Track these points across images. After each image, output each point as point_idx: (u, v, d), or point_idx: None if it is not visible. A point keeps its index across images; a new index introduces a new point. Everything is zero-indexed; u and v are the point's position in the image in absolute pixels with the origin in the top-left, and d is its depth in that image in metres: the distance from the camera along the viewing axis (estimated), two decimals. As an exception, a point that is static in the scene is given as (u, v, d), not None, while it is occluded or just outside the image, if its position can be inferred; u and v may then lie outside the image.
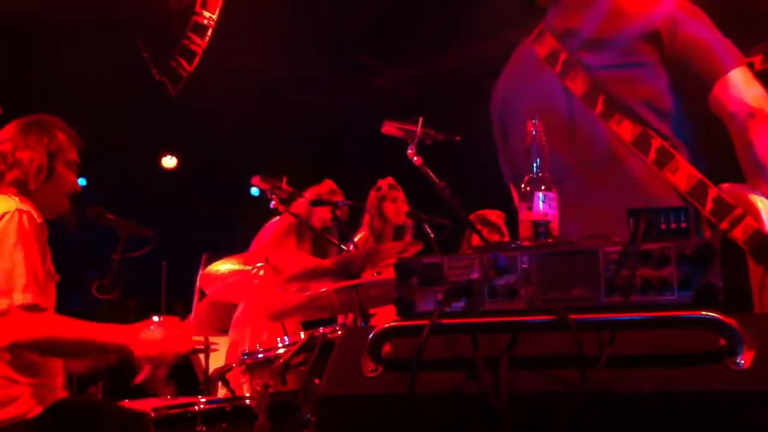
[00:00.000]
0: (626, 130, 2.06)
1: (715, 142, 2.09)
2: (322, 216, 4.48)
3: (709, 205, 1.93)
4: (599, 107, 2.10)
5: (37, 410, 2.63)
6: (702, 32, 2.06)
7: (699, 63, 2.04)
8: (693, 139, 2.13)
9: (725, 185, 1.97)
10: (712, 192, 1.95)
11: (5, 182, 2.81)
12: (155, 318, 2.75)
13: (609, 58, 2.12)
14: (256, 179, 4.06)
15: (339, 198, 4.51)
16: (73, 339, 2.65)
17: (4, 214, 2.64)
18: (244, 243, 4.77)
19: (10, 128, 2.92)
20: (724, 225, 1.89)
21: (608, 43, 2.14)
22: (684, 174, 1.99)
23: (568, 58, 2.19)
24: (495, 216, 5.44)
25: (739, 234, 1.87)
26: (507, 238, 4.89)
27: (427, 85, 7.16)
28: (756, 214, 1.88)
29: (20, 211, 2.66)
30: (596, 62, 2.14)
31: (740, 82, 2.00)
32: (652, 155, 2.03)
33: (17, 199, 2.73)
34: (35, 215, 2.72)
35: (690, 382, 1.23)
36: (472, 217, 5.29)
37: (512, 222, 1.72)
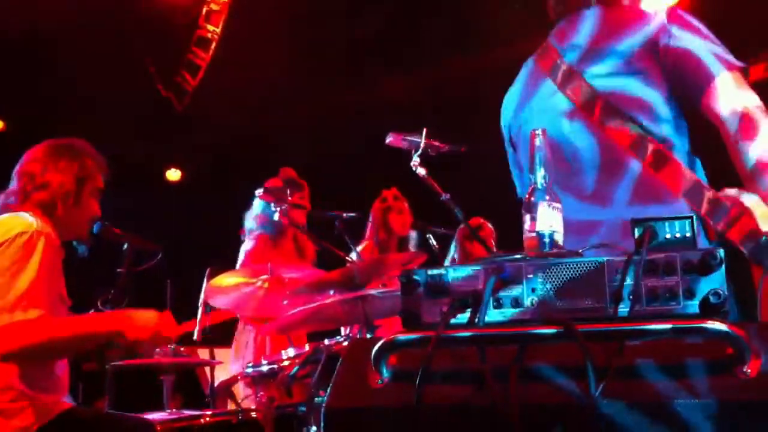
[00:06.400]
0: (623, 135, 2.09)
1: (717, 149, 2.10)
2: (297, 218, 4.49)
3: (705, 207, 1.95)
4: (597, 114, 2.13)
5: (42, 422, 2.63)
6: (694, 40, 2.09)
7: (691, 70, 2.06)
8: (690, 145, 2.16)
9: (725, 190, 1.98)
10: (708, 193, 1.96)
11: (30, 201, 2.82)
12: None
13: (608, 67, 2.15)
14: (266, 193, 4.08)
15: (299, 191, 4.57)
16: (66, 337, 2.66)
17: (22, 233, 2.65)
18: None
19: (40, 149, 2.93)
20: (720, 226, 1.90)
21: (607, 53, 2.16)
22: (680, 176, 2.01)
23: (568, 68, 2.23)
24: (488, 231, 5.50)
25: (735, 235, 1.87)
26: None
27: (431, 95, 7.17)
28: (750, 214, 1.88)
29: (38, 233, 2.67)
30: (596, 71, 2.17)
31: (730, 87, 2.02)
32: (649, 158, 2.05)
33: (38, 219, 2.74)
34: (53, 237, 2.73)
35: (697, 392, 1.23)
36: (463, 230, 5.33)
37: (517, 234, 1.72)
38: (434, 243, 4.82)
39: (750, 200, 1.90)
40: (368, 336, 3.14)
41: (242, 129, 7.55)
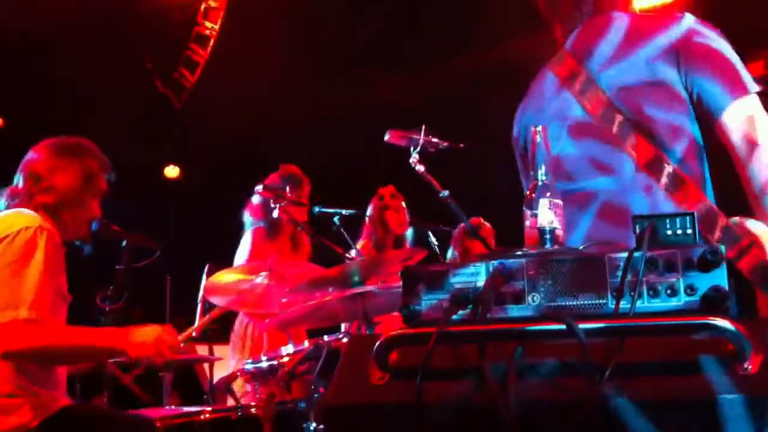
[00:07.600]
0: (641, 152, 2.04)
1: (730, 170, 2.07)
2: (296, 214, 4.50)
3: (717, 234, 1.91)
4: (615, 128, 2.08)
5: (40, 418, 2.63)
6: (714, 57, 2.04)
7: (709, 88, 2.02)
8: (705, 166, 2.11)
9: (736, 218, 1.95)
10: (721, 221, 1.92)
11: (34, 203, 2.81)
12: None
13: (627, 79, 2.09)
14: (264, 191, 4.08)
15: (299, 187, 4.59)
16: (68, 346, 2.67)
17: (26, 228, 2.66)
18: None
19: (47, 148, 2.92)
20: (731, 254, 1.87)
21: (627, 63, 2.11)
22: (694, 200, 1.97)
23: (586, 78, 2.17)
24: (486, 230, 5.51)
25: (745, 264, 1.85)
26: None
27: (430, 95, 7.17)
28: (761, 245, 1.86)
29: (41, 228, 2.68)
30: (615, 82, 2.12)
31: (747, 112, 1.98)
32: (664, 180, 2.01)
33: (41, 216, 2.75)
34: (55, 234, 2.73)
35: (698, 389, 1.23)
36: (463, 228, 5.34)
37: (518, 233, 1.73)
38: (434, 240, 4.83)
39: (758, 229, 1.89)
40: (368, 332, 3.14)
41: (241, 126, 7.54)
